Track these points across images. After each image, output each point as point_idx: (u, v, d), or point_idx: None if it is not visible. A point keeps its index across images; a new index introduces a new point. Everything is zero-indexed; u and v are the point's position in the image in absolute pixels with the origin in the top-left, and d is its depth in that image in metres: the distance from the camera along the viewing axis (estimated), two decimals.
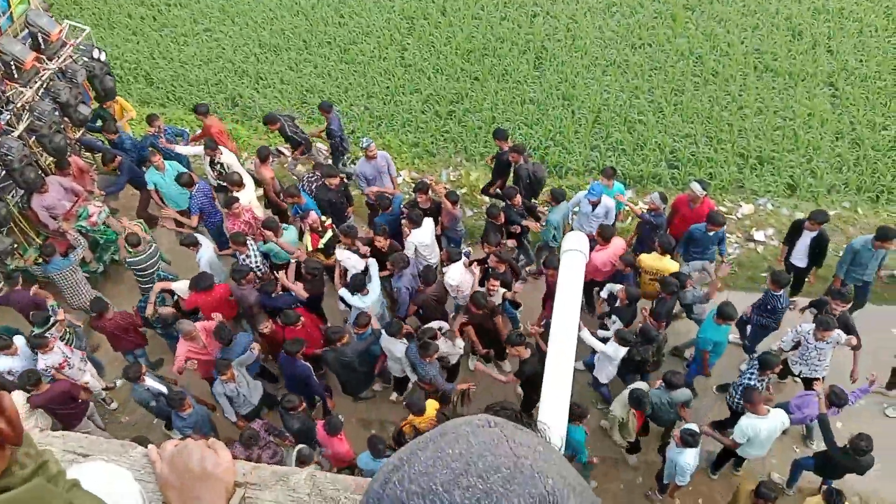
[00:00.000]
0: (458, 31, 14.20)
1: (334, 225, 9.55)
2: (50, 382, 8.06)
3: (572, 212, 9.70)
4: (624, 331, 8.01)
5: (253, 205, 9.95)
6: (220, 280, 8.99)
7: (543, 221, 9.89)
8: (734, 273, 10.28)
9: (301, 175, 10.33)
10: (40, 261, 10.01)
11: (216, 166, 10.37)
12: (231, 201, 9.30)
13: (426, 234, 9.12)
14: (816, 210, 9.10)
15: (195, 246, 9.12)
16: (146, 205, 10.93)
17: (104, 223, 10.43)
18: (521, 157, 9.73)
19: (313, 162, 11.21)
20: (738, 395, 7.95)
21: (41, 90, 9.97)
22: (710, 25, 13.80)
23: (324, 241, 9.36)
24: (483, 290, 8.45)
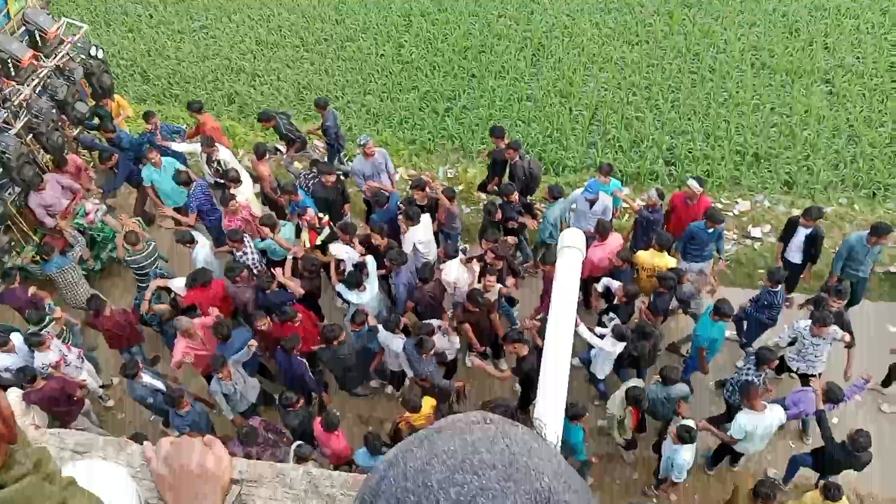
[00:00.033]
0: (455, 28, 14.19)
1: (331, 222, 9.54)
2: (46, 379, 8.05)
3: (570, 209, 9.70)
4: (621, 326, 8.02)
5: (250, 201, 9.95)
6: (217, 277, 8.98)
7: (540, 218, 9.90)
8: (731, 268, 10.29)
9: (298, 172, 10.31)
10: (38, 259, 10.00)
11: (213, 164, 10.35)
12: (228, 199, 9.29)
13: (424, 231, 9.12)
14: (811, 206, 9.10)
15: (191, 243, 9.11)
16: (143, 202, 10.91)
17: (101, 221, 10.41)
18: (518, 153, 9.72)
19: (309, 159, 11.19)
20: (735, 391, 7.97)
21: (39, 88, 9.95)
22: (708, 22, 13.79)
23: (321, 237, 9.35)
24: (479, 286, 8.44)
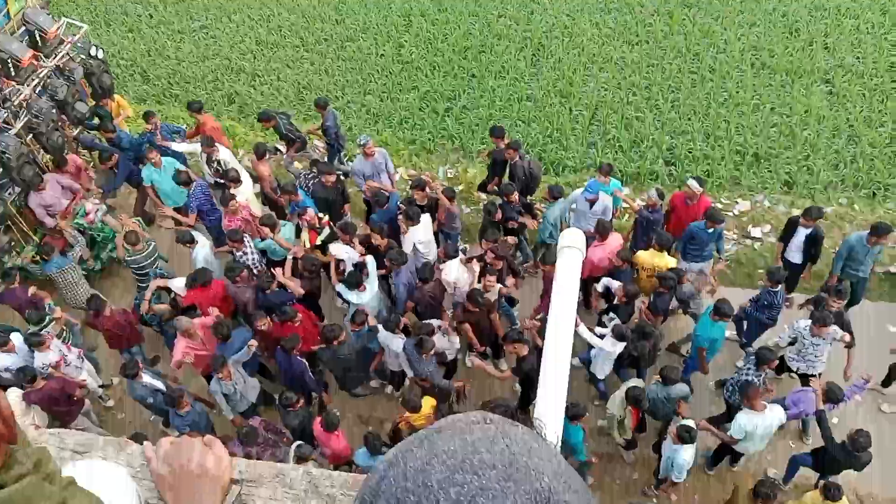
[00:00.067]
0: (455, 28, 14.18)
1: (331, 222, 9.54)
2: (46, 379, 8.05)
3: (570, 209, 9.70)
4: (621, 326, 8.02)
5: (250, 201, 9.95)
6: (217, 277, 8.98)
7: (540, 218, 9.89)
8: (731, 268, 10.29)
9: (298, 172, 10.31)
10: (38, 259, 10.00)
11: (213, 164, 10.35)
12: (228, 198, 9.29)
13: (424, 231, 9.11)
14: (811, 206, 9.09)
15: (191, 243, 9.11)
16: (143, 202, 10.91)
17: (101, 221, 10.41)
18: (517, 153, 9.72)
19: (309, 159, 11.19)
20: (735, 391, 7.97)
21: (39, 88, 9.94)
22: (708, 22, 13.79)
23: (321, 237, 9.36)
24: (479, 286, 8.44)
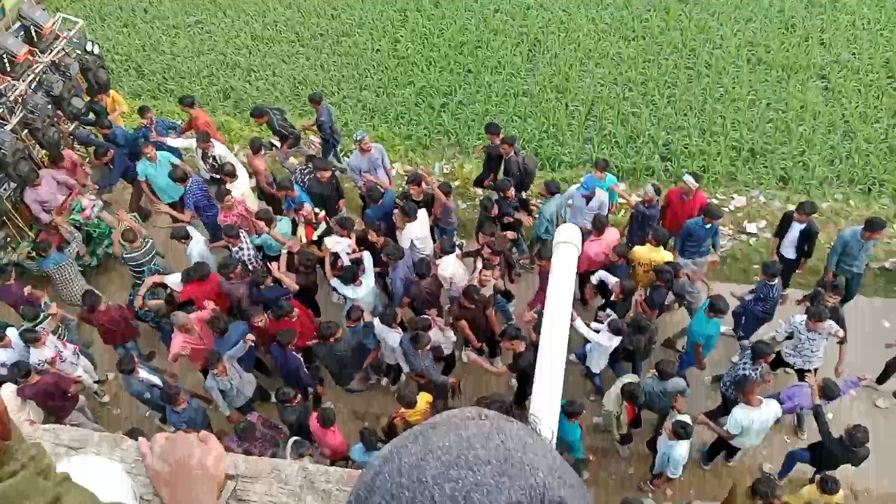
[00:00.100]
0: (451, 23, 14.16)
1: (327, 217, 9.53)
2: (41, 374, 8.03)
3: (566, 204, 9.70)
4: (617, 320, 8.02)
5: (246, 196, 9.92)
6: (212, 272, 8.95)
7: (536, 214, 9.89)
8: (726, 263, 10.30)
9: (293, 168, 10.29)
10: (34, 255, 9.97)
11: (209, 159, 10.32)
12: (223, 194, 9.27)
13: (421, 227, 9.10)
14: (804, 200, 9.08)
15: (186, 239, 9.09)
16: (139, 198, 10.87)
17: (98, 217, 10.38)
18: (512, 148, 9.71)
19: (304, 155, 11.17)
20: (731, 385, 7.99)
21: (34, 83, 9.90)
22: (704, 18, 13.79)
23: (318, 232, 9.35)
24: (476, 282, 8.43)
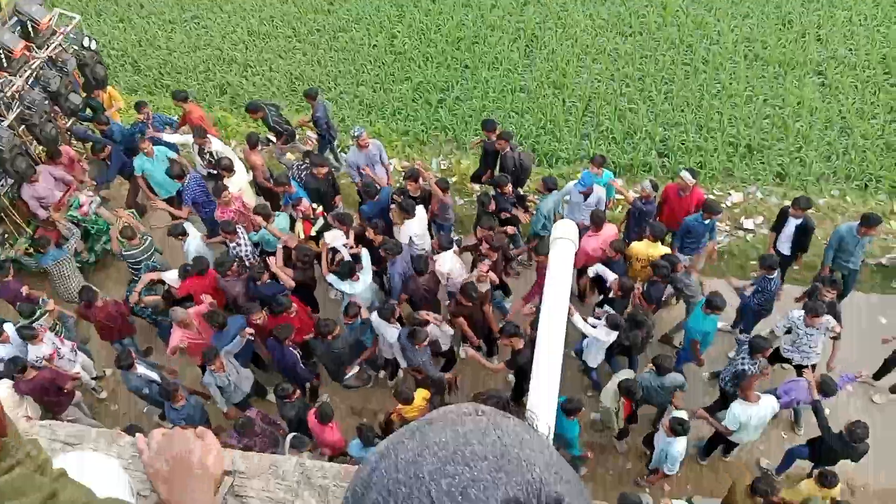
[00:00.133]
0: (448, 18, 14.13)
1: (325, 213, 9.51)
2: (38, 370, 8.03)
3: (563, 200, 9.70)
4: (615, 315, 8.02)
5: (244, 191, 9.90)
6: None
7: (533, 210, 9.88)
8: (723, 259, 10.31)
9: (290, 163, 10.27)
10: (32, 251, 9.95)
11: (206, 155, 10.30)
12: (220, 190, 9.24)
13: (419, 223, 9.08)
14: (800, 196, 9.06)
15: (183, 236, 9.07)
16: (136, 194, 10.84)
17: (95, 213, 10.36)
18: (508, 144, 9.70)
19: (301, 151, 11.14)
20: (730, 379, 8.00)
21: (31, 79, 9.87)
22: (701, 14, 13.78)
23: (316, 228, 9.33)
24: (473, 278, 8.42)
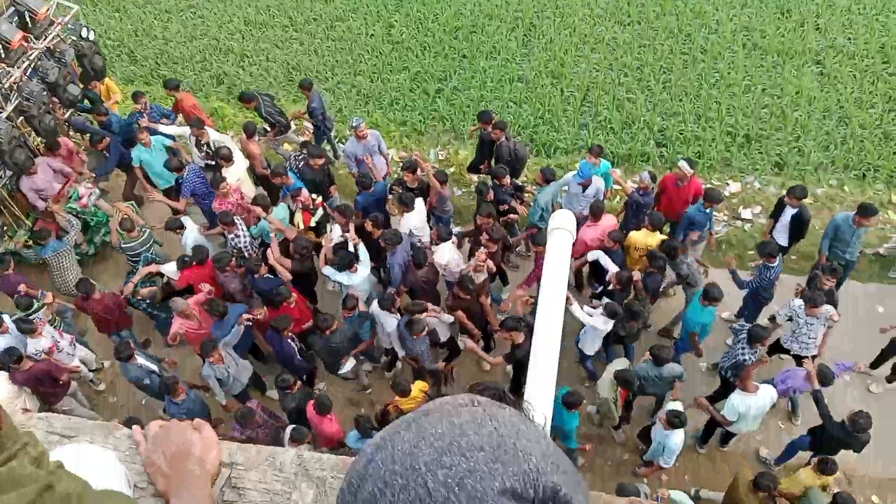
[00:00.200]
0: (445, 7, 14.08)
1: (324, 203, 9.50)
2: (34, 361, 8.03)
3: (561, 191, 9.69)
4: (613, 304, 8.03)
5: (242, 181, 9.86)
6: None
7: (531, 201, 9.86)
8: (721, 248, 10.30)
9: (287, 154, 10.24)
10: (31, 243, 9.92)
11: (203, 147, 10.26)
12: (218, 181, 9.22)
13: (418, 216, 9.06)
14: (796, 185, 9.05)
15: (180, 229, 9.05)
16: (133, 185, 10.81)
17: (95, 205, 10.33)
18: (504, 134, 9.67)
19: (297, 142, 11.11)
20: (730, 368, 8.03)
21: (29, 70, 9.82)
22: (699, 3, 13.74)
23: (315, 218, 9.32)
24: (471, 268, 8.41)
